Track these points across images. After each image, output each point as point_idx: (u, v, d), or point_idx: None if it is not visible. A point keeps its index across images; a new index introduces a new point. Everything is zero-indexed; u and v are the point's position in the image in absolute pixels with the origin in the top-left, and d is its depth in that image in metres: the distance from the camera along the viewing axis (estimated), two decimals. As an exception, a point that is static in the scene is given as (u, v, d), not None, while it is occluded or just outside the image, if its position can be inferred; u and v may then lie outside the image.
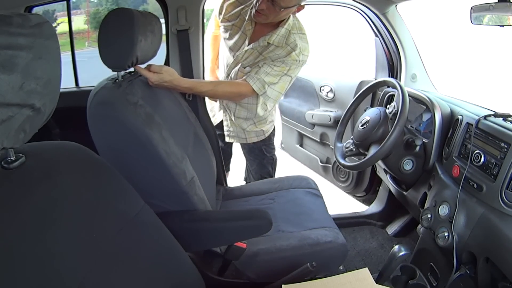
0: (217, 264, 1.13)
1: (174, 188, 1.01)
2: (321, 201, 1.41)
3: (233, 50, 1.42)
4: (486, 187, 1.01)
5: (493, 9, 1.06)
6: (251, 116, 1.48)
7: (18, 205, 0.54)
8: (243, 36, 1.38)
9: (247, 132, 1.55)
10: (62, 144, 0.68)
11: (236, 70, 1.41)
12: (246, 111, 1.48)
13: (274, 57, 1.34)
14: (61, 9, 1.99)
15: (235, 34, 1.40)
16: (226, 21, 1.41)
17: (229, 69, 1.44)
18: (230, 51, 1.43)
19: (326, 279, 0.83)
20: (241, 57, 1.39)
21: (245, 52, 1.38)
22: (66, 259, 0.56)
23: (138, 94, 0.97)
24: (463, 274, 1.04)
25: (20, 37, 0.48)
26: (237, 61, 1.40)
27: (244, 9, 1.36)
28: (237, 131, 1.56)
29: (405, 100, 1.21)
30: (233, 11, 1.39)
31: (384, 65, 1.73)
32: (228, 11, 1.40)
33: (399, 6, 1.58)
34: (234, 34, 1.40)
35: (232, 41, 1.41)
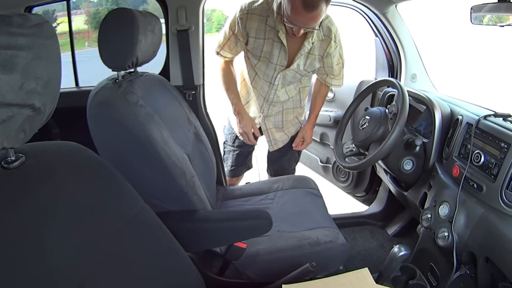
0: (217, 264, 1.13)
1: (174, 188, 1.02)
2: (321, 201, 1.41)
3: (274, 62, 1.39)
4: (486, 187, 1.01)
5: (493, 9, 1.06)
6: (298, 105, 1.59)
7: (18, 205, 0.54)
8: (278, 45, 1.35)
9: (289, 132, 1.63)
10: (62, 144, 0.68)
11: (280, 76, 1.43)
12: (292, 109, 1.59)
13: (319, 51, 1.39)
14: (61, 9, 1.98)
15: (270, 46, 1.36)
16: (255, 39, 1.36)
17: (272, 78, 1.44)
18: (269, 63, 1.40)
19: (326, 279, 0.83)
20: (302, 65, 1.41)
21: (302, 58, 1.39)
22: (66, 259, 0.56)
23: (138, 94, 0.97)
24: (463, 274, 1.04)
25: (20, 37, 0.48)
26: (296, 70, 1.41)
27: (269, 20, 1.33)
28: (282, 138, 1.63)
29: (405, 100, 1.21)
30: (259, 27, 1.35)
31: (384, 65, 1.73)
32: (252, 27, 1.35)
33: (399, 6, 1.58)
34: (270, 47, 1.36)
35: (271, 53, 1.37)
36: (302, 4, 1.15)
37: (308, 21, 1.21)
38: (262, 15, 1.33)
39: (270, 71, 1.42)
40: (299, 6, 1.16)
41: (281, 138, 1.62)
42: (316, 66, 1.43)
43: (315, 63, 1.42)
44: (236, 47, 1.41)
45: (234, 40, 1.39)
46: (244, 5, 1.35)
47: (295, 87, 1.51)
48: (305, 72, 1.44)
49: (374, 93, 1.71)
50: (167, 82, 1.28)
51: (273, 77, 1.43)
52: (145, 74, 1.15)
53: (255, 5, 1.34)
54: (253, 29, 1.35)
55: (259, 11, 1.33)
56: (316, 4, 1.15)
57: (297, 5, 1.16)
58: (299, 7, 1.16)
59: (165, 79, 1.28)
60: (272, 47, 1.36)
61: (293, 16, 1.19)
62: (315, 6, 1.15)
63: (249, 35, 1.36)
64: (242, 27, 1.35)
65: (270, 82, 1.45)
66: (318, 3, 1.15)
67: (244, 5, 1.35)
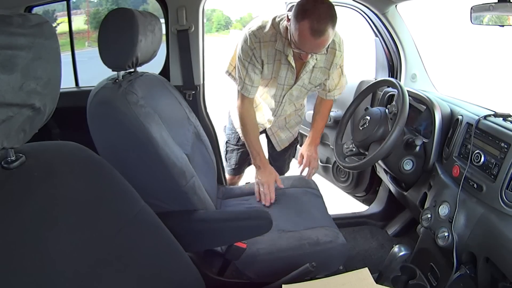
0: (217, 264, 1.13)
1: (174, 188, 1.02)
2: (321, 201, 1.41)
3: (282, 82, 1.39)
4: (486, 187, 1.01)
5: (493, 9, 1.06)
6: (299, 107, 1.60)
7: (19, 205, 0.54)
8: (285, 66, 1.34)
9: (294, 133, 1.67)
10: (62, 144, 0.68)
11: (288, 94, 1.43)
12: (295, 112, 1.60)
13: (325, 63, 1.37)
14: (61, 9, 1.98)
15: (278, 68, 1.35)
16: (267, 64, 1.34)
17: (280, 97, 1.45)
18: (277, 84, 1.40)
19: (326, 279, 0.83)
20: (307, 79, 1.39)
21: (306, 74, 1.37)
22: (66, 258, 0.56)
23: (138, 94, 0.97)
24: (463, 274, 1.04)
25: (20, 37, 0.48)
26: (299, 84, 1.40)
27: (278, 44, 1.30)
28: (288, 137, 1.65)
29: (405, 100, 1.21)
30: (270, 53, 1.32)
31: (384, 65, 1.73)
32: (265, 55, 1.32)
33: (399, 6, 1.58)
34: (277, 68, 1.35)
35: (280, 76, 1.37)
36: (309, 31, 1.13)
37: (316, 47, 1.19)
38: (272, 40, 1.31)
39: (278, 92, 1.43)
40: (307, 33, 1.14)
41: (287, 137, 1.65)
42: (322, 78, 1.41)
43: (321, 75, 1.40)
44: (256, 75, 1.35)
45: (252, 69, 1.33)
46: (253, 33, 1.30)
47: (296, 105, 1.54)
48: (311, 86, 1.43)
49: (374, 93, 1.71)
50: (167, 82, 1.28)
51: (281, 96, 1.44)
52: (145, 74, 1.15)
53: (265, 32, 1.30)
54: (266, 57, 1.32)
55: (269, 37, 1.30)
56: (323, 29, 1.13)
57: (304, 31, 1.14)
58: (307, 34, 1.14)
59: (165, 79, 1.28)
60: (279, 68, 1.35)
61: (301, 42, 1.17)
62: (322, 32, 1.13)
63: (264, 62, 1.34)
64: (257, 57, 1.32)
65: (278, 101, 1.47)
66: (325, 28, 1.13)
67: (253, 34, 1.30)
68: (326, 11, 1.13)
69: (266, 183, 1.37)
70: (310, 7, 1.13)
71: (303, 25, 1.13)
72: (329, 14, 1.14)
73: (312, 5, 1.13)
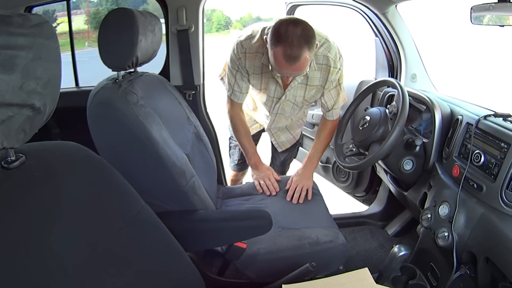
0: (217, 264, 1.13)
1: (174, 188, 1.02)
2: (321, 201, 1.41)
3: (271, 95, 1.39)
4: (486, 187, 1.01)
5: (493, 9, 1.06)
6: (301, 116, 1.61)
7: (19, 205, 0.54)
8: (274, 81, 1.34)
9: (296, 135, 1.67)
10: (62, 144, 0.68)
11: (278, 106, 1.43)
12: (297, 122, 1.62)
13: (320, 81, 1.34)
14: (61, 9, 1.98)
15: (267, 80, 1.35)
16: (254, 74, 1.35)
17: (271, 108, 1.45)
18: (267, 96, 1.40)
19: (326, 279, 0.83)
20: (292, 96, 1.38)
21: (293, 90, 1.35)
22: (66, 258, 0.56)
23: (138, 94, 0.97)
24: (463, 274, 1.04)
25: (20, 37, 0.48)
26: (289, 100, 1.39)
27: (264, 58, 1.29)
28: (289, 138, 1.65)
29: (405, 100, 1.21)
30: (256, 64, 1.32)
31: (384, 65, 1.73)
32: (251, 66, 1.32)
33: (399, 6, 1.58)
34: (266, 80, 1.35)
35: (270, 89, 1.37)
36: (283, 57, 1.11)
37: (293, 72, 1.18)
38: (259, 51, 1.29)
39: (268, 102, 1.43)
40: (281, 59, 1.12)
41: (287, 139, 1.65)
42: (317, 96, 1.40)
43: (315, 93, 1.38)
44: (244, 83, 1.36)
45: (240, 77, 1.35)
46: (241, 43, 1.30)
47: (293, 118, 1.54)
48: (304, 104, 1.42)
49: (374, 93, 1.71)
50: (167, 82, 1.28)
51: (272, 107, 1.45)
52: (145, 74, 1.15)
53: (252, 43, 1.29)
54: (251, 67, 1.32)
55: (256, 49, 1.29)
56: (297, 55, 1.11)
57: (278, 58, 1.12)
58: (281, 60, 1.12)
59: (165, 79, 1.28)
60: (268, 81, 1.35)
61: (277, 67, 1.17)
62: (297, 57, 1.11)
63: (249, 72, 1.34)
64: (242, 66, 1.32)
65: (270, 111, 1.47)
66: (299, 53, 1.10)
67: (240, 44, 1.30)
68: (300, 35, 1.10)
69: (265, 176, 1.40)
70: (283, 31, 1.11)
71: (277, 51, 1.12)
72: (303, 37, 1.10)
73: (285, 29, 1.10)
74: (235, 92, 1.38)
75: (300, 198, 1.36)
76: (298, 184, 1.38)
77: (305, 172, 1.42)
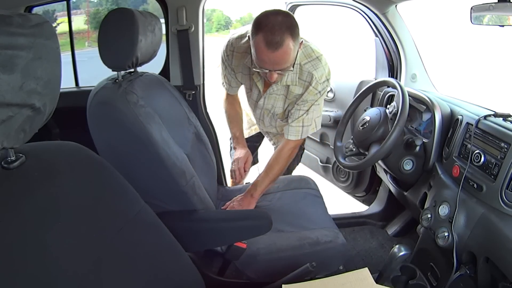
0: (217, 264, 1.13)
1: (174, 188, 1.02)
2: (321, 201, 1.41)
3: (254, 98, 1.37)
4: (486, 187, 1.01)
5: (493, 9, 1.06)
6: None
7: (18, 205, 0.54)
8: (256, 86, 1.31)
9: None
10: (62, 144, 0.68)
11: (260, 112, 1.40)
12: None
13: (297, 97, 1.28)
14: (61, 9, 1.99)
15: (252, 85, 1.33)
16: (242, 74, 1.32)
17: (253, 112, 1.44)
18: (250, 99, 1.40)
19: (326, 279, 0.83)
20: (271, 106, 1.33)
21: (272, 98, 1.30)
22: (66, 259, 0.56)
23: (138, 94, 0.97)
24: (463, 274, 1.04)
25: (20, 37, 0.48)
26: (267, 108, 1.35)
27: (248, 60, 1.25)
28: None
29: (405, 100, 1.21)
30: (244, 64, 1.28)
31: (384, 65, 1.73)
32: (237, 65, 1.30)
33: (399, 6, 1.58)
34: (252, 85, 1.33)
35: (252, 92, 1.35)
36: (264, 43, 1.04)
37: (276, 62, 1.08)
38: (248, 52, 1.23)
39: (251, 105, 1.44)
40: (262, 46, 1.05)
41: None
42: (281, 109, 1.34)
43: (285, 107, 1.33)
44: (232, 78, 1.36)
45: (229, 72, 1.34)
46: (231, 41, 1.29)
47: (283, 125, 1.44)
48: (284, 118, 1.37)
49: (374, 93, 1.71)
50: (167, 82, 1.28)
51: (254, 111, 1.44)
52: (145, 74, 1.15)
53: (241, 43, 1.26)
54: (238, 66, 1.31)
55: (244, 49, 1.25)
56: (280, 40, 1.03)
57: (259, 45, 1.05)
58: (262, 47, 1.05)
59: (165, 79, 1.28)
60: (252, 84, 1.33)
61: (259, 58, 1.09)
62: (279, 43, 1.04)
63: (235, 71, 1.33)
64: (229, 64, 1.32)
65: (257, 117, 1.47)
66: (281, 39, 1.04)
67: (230, 42, 1.29)
68: (281, 21, 1.05)
69: (236, 160, 1.42)
70: (263, 20, 1.06)
71: (258, 39, 1.05)
72: (285, 24, 1.05)
73: (265, 18, 1.06)
74: (225, 84, 1.40)
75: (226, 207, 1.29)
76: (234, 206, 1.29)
77: (244, 200, 1.28)
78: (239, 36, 1.29)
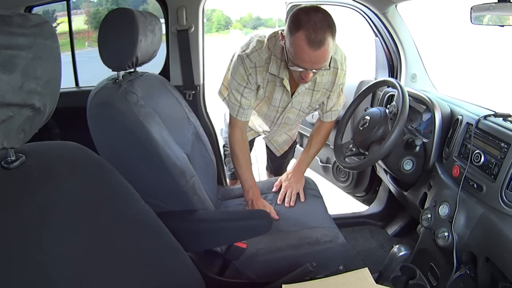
0: (217, 264, 1.13)
1: (174, 188, 1.02)
2: (321, 201, 1.41)
3: (276, 105, 1.33)
4: (486, 187, 1.01)
5: (493, 9, 1.06)
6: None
7: (18, 205, 0.54)
8: (280, 89, 1.27)
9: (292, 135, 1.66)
10: (62, 144, 0.68)
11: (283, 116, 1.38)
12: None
13: (327, 85, 1.30)
14: (61, 9, 1.98)
15: (272, 89, 1.27)
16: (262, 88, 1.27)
17: (275, 118, 1.40)
18: (270, 105, 1.34)
19: (326, 279, 0.83)
20: (298, 103, 1.32)
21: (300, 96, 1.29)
22: (65, 259, 0.56)
23: (138, 94, 0.97)
24: (463, 274, 1.04)
25: (20, 37, 0.48)
26: (294, 107, 1.33)
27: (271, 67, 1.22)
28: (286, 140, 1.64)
29: (405, 100, 1.21)
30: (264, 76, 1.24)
31: (384, 65, 1.73)
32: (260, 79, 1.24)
33: (399, 6, 1.58)
34: (271, 89, 1.27)
35: (274, 98, 1.30)
36: (306, 42, 1.01)
37: (316, 61, 1.06)
38: (267, 63, 1.22)
39: (272, 113, 1.37)
40: (304, 45, 1.02)
41: (285, 141, 1.65)
42: (322, 99, 1.35)
43: (322, 97, 1.34)
44: (252, 98, 1.27)
45: (248, 92, 1.25)
46: (248, 57, 1.21)
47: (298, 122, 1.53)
48: (310, 109, 1.38)
49: (374, 93, 1.71)
50: (167, 82, 1.28)
51: (276, 117, 1.40)
52: (145, 74, 1.15)
53: (261, 57, 1.21)
54: (261, 81, 1.25)
55: (265, 61, 1.21)
56: (322, 39, 1.01)
57: (300, 44, 1.02)
58: (304, 46, 1.02)
59: (165, 79, 1.28)
60: (274, 90, 1.27)
61: (298, 57, 1.06)
62: (321, 41, 1.01)
63: (259, 87, 1.26)
64: (253, 82, 1.24)
65: (272, 121, 1.43)
66: (324, 37, 1.01)
67: (247, 58, 1.21)
68: (323, 19, 1.02)
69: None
70: (304, 17, 1.03)
71: (298, 37, 1.02)
72: (327, 22, 1.03)
73: (306, 14, 1.03)
74: (243, 110, 1.28)
75: (292, 201, 1.34)
76: (288, 189, 1.36)
77: (294, 176, 1.38)
78: (254, 49, 1.22)
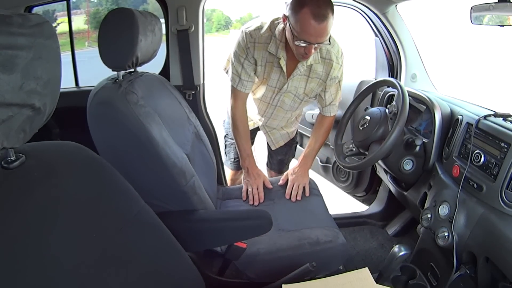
0: (217, 264, 1.13)
1: (174, 188, 1.02)
2: (321, 201, 1.41)
3: (273, 85, 1.39)
4: (486, 187, 1.01)
5: (493, 9, 1.06)
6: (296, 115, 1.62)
7: (18, 205, 0.54)
8: (278, 70, 1.34)
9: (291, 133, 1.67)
10: (62, 144, 0.68)
11: (279, 98, 1.42)
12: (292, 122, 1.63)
13: (322, 74, 1.36)
14: (61, 9, 1.99)
15: (269, 70, 1.35)
16: (260, 66, 1.35)
17: (271, 99, 1.44)
18: (267, 85, 1.40)
19: (326, 279, 0.83)
20: (294, 88, 1.38)
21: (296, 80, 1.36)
22: (66, 259, 0.56)
23: (138, 94, 0.98)
24: (463, 274, 1.04)
25: (20, 37, 0.48)
26: (290, 91, 1.39)
27: (270, 46, 1.31)
28: (283, 135, 1.64)
29: (405, 100, 1.21)
30: (263, 55, 1.32)
31: (384, 65, 1.73)
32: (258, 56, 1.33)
33: (399, 6, 1.59)
34: (269, 70, 1.35)
35: (272, 78, 1.37)
36: (311, 16, 1.12)
37: (320, 33, 1.16)
38: (266, 42, 1.31)
39: (268, 93, 1.42)
40: (309, 19, 1.12)
41: (282, 136, 1.65)
42: (317, 90, 1.40)
43: (316, 87, 1.39)
44: (251, 71, 1.35)
45: (248, 65, 1.34)
46: (249, 32, 1.31)
47: (292, 114, 1.54)
48: (305, 97, 1.42)
49: (374, 93, 1.71)
50: (167, 82, 1.28)
51: (272, 99, 1.44)
52: (145, 74, 1.15)
53: (261, 33, 1.31)
54: (259, 58, 1.33)
55: (264, 39, 1.31)
56: (325, 13, 1.12)
57: (306, 18, 1.13)
58: (309, 20, 1.12)
59: (165, 79, 1.28)
60: (271, 70, 1.35)
61: (304, 31, 1.15)
62: (325, 15, 1.12)
63: (256, 63, 1.34)
64: (250, 56, 1.33)
65: (268, 102, 1.46)
66: (326, 12, 1.13)
67: (249, 33, 1.31)
68: None
69: (254, 184, 1.39)
70: None
71: (304, 12, 1.12)
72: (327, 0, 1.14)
73: None
74: (242, 81, 1.36)
75: (298, 195, 1.38)
76: (294, 183, 1.40)
77: (300, 170, 1.43)
78: (257, 27, 1.31)
